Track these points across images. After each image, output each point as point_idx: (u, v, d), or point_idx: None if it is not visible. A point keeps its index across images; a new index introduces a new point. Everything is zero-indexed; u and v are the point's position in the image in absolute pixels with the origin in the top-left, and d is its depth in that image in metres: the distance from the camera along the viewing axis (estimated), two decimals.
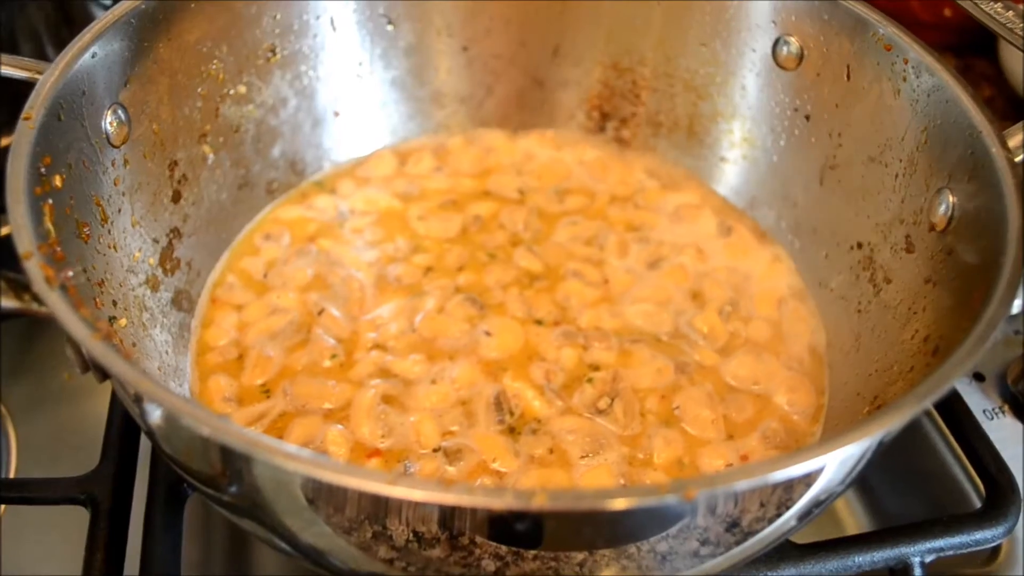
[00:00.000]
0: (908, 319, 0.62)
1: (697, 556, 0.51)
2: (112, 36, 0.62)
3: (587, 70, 0.84)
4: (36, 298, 0.46)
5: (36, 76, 0.58)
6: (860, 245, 0.70)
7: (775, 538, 0.54)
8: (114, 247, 0.62)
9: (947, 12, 1.11)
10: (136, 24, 0.64)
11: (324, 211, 0.79)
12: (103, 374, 0.49)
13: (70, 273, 0.51)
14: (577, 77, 0.85)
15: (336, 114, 0.82)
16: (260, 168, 0.78)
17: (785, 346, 0.70)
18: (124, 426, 0.66)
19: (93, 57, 0.60)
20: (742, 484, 0.39)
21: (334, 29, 0.79)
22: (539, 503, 0.37)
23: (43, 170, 0.53)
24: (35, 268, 0.46)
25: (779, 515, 0.50)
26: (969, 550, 0.64)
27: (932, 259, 0.61)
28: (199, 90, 0.71)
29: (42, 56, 0.85)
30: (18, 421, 0.78)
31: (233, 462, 0.47)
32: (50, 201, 0.53)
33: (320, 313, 0.70)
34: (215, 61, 0.72)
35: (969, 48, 1.14)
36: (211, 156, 0.73)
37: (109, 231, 0.62)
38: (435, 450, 0.62)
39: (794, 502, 0.50)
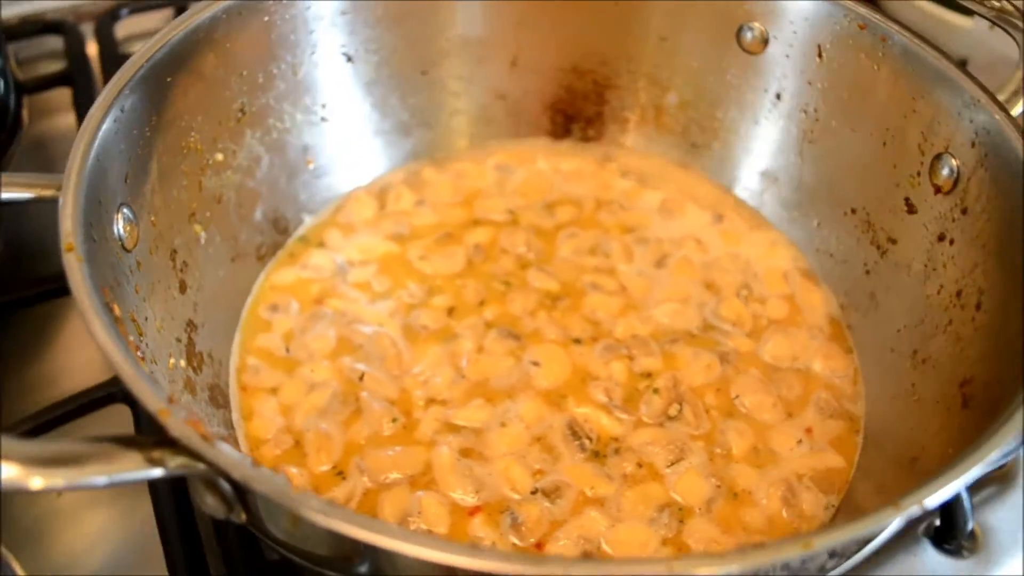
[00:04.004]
0: (927, 276, 0.67)
1: None
2: (109, 133, 0.56)
3: (548, 77, 0.84)
4: (180, 451, 0.42)
5: (44, 194, 0.53)
6: (854, 211, 0.74)
7: None
8: (154, 361, 0.58)
9: None
10: (126, 113, 0.59)
11: (321, 268, 0.75)
12: (246, 506, 0.46)
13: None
14: (538, 85, 0.85)
15: (308, 162, 0.78)
16: (247, 235, 0.73)
17: (804, 318, 0.74)
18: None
19: (98, 160, 0.55)
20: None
21: (295, 75, 0.75)
22: None
23: (111, 307, 0.48)
24: (181, 426, 0.42)
25: None
26: None
27: (942, 218, 0.66)
28: (182, 167, 0.66)
29: None
30: (22, 558, 0.71)
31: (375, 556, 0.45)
32: (130, 339, 0.48)
33: (361, 378, 0.68)
34: (193, 133, 0.67)
35: None
36: (203, 234, 0.68)
37: (148, 345, 0.57)
38: (532, 492, 0.62)
39: None
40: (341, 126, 0.79)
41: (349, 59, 0.77)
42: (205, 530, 0.61)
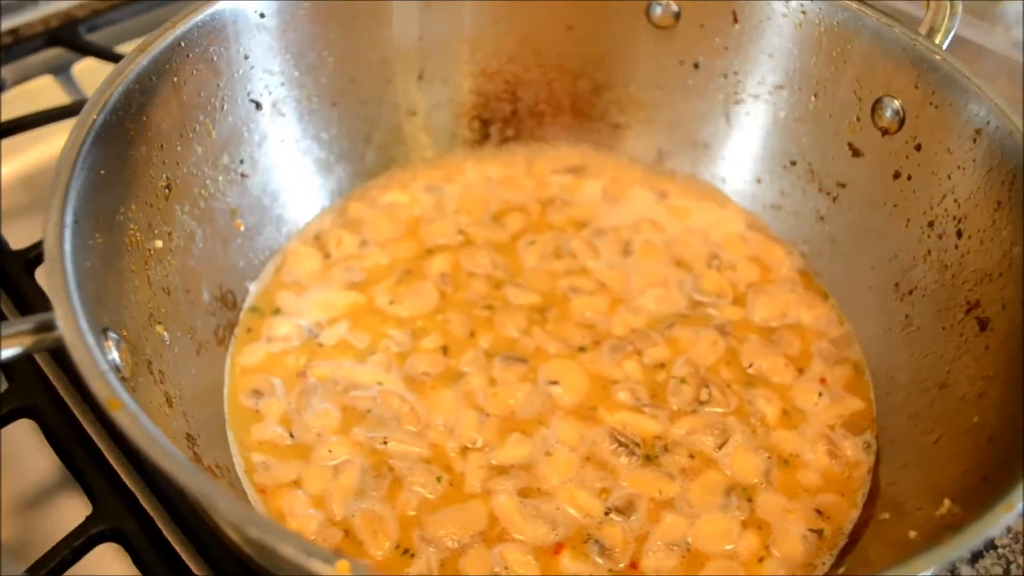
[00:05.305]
0: (890, 212, 0.70)
1: None
2: (76, 253, 0.47)
3: (456, 85, 0.80)
4: None
5: (43, 341, 0.44)
6: (794, 163, 0.77)
7: None
8: None
9: None
10: (80, 224, 0.49)
11: (288, 338, 0.68)
12: None
13: None
14: (448, 95, 0.80)
15: (238, 225, 0.70)
16: (202, 321, 0.65)
17: (775, 274, 0.76)
18: None
19: (80, 290, 0.46)
20: None
21: (210, 135, 0.66)
22: None
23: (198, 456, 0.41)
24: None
25: None
26: None
27: (894, 157, 0.69)
28: (131, 267, 0.57)
29: None
30: None
31: None
32: None
33: (384, 443, 0.62)
34: (131, 226, 0.58)
35: None
36: (165, 334, 0.60)
37: None
38: (606, 513, 0.60)
39: None
40: (262, 178, 0.72)
41: (258, 106, 0.70)
42: None
